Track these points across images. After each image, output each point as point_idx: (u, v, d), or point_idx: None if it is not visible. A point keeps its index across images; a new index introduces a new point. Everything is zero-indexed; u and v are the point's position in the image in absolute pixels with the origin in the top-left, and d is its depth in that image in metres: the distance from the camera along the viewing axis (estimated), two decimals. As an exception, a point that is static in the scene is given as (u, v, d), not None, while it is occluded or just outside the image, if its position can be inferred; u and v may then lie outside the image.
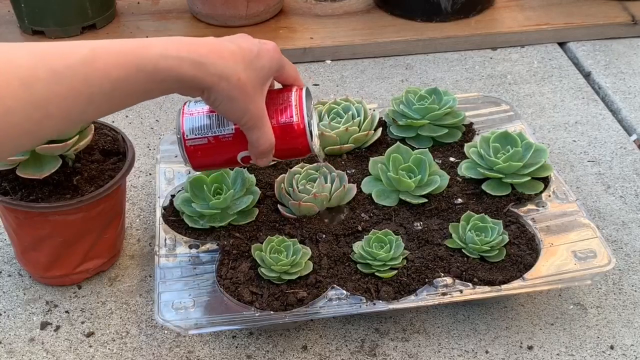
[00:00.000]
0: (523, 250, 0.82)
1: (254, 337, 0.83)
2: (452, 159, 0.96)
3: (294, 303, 0.76)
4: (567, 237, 0.84)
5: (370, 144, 0.97)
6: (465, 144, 0.95)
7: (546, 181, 0.91)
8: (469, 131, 1.00)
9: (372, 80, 1.28)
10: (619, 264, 0.91)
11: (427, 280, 0.79)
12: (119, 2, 1.44)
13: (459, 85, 1.26)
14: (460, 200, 0.89)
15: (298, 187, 0.87)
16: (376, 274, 0.79)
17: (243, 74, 0.63)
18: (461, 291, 0.78)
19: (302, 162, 0.93)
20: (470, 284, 0.79)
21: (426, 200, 0.88)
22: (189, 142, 0.71)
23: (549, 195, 0.89)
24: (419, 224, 0.86)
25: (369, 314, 0.83)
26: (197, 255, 0.83)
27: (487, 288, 0.78)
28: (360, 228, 0.85)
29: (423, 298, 0.78)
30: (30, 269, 0.89)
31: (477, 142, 0.93)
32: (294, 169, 0.90)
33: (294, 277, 0.78)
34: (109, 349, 0.82)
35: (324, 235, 0.84)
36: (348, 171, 0.92)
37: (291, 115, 0.69)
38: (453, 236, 0.83)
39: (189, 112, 0.71)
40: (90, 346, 0.82)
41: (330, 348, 0.82)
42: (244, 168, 0.72)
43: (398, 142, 0.94)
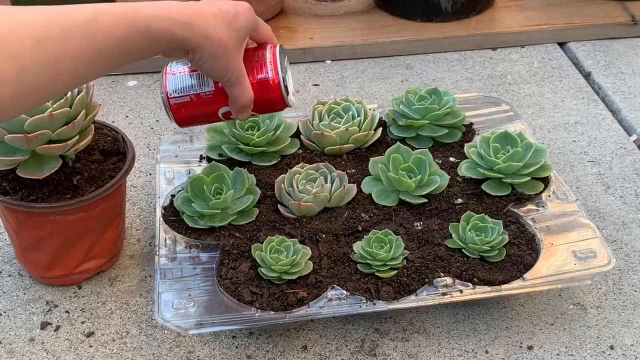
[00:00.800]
0: (523, 250, 0.82)
1: (254, 337, 0.83)
2: (452, 159, 0.96)
3: (294, 303, 0.76)
4: (567, 237, 0.84)
5: (370, 144, 0.97)
6: (465, 144, 0.95)
7: (546, 181, 0.91)
8: (469, 131, 1.00)
9: (372, 80, 1.28)
10: (619, 264, 0.91)
11: (427, 280, 0.79)
12: (119, 1, 1.44)
13: (459, 86, 1.26)
14: (460, 200, 0.89)
15: (298, 187, 0.87)
16: (376, 274, 0.79)
17: (224, 34, 0.67)
18: (461, 291, 0.78)
19: (302, 162, 0.93)
20: (470, 284, 0.79)
21: (426, 200, 0.88)
22: (172, 101, 0.75)
23: (549, 196, 0.89)
24: (419, 224, 0.86)
25: (369, 314, 0.83)
26: (197, 255, 0.83)
27: (487, 288, 0.78)
28: (360, 228, 0.85)
29: (423, 298, 0.78)
30: (30, 269, 0.89)
31: (477, 142, 0.93)
32: (294, 169, 0.90)
33: (294, 277, 0.78)
34: (109, 349, 0.82)
35: (324, 235, 0.84)
36: (348, 171, 0.92)
37: (267, 71, 0.74)
38: (453, 236, 0.83)
39: (172, 72, 0.75)
40: (91, 346, 0.82)
41: (330, 348, 0.82)
42: (225, 121, 0.78)
43: (398, 142, 0.94)
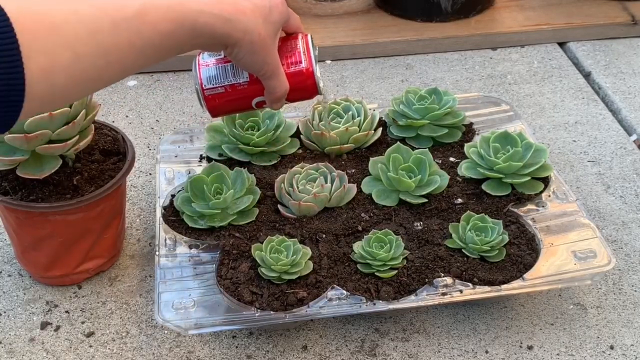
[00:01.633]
0: (523, 250, 0.82)
1: (254, 337, 0.83)
2: (452, 159, 0.96)
3: (294, 303, 0.76)
4: (567, 237, 0.84)
5: (370, 144, 0.97)
6: (465, 144, 0.95)
7: (546, 181, 0.91)
8: (469, 131, 1.00)
9: (372, 80, 1.28)
10: (619, 264, 0.91)
11: (427, 280, 0.79)
12: None
13: (459, 85, 1.26)
14: (460, 200, 0.89)
15: (298, 187, 0.87)
16: (376, 274, 0.79)
17: (262, 29, 0.68)
18: (461, 291, 0.78)
19: (302, 161, 0.93)
20: (470, 284, 0.79)
21: (426, 200, 0.88)
22: (207, 92, 0.76)
23: (549, 195, 0.89)
24: (419, 224, 0.86)
25: (369, 314, 0.83)
26: (197, 255, 0.83)
27: (487, 288, 0.78)
28: (360, 228, 0.85)
29: (423, 298, 0.78)
30: (30, 269, 0.89)
31: (477, 142, 0.93)
32: (294, 169, 0.90)
33: (294, 277, 0.78)
34: (109, 349, 0.82)
35: (324, 235, 0.84)
36: (348, 171, 0.92)
37: (300, 61, 0.75)
38: (453, 236, 0.83)
39: (205, 64, 0.75)
40: (91, 346, 0.82)
41: (330, 348, 0.82)
42: (258, 110, 0.80)
43: (398, 142, 0.94)
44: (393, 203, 0.88)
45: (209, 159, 0.96)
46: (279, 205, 0.88)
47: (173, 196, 0.89)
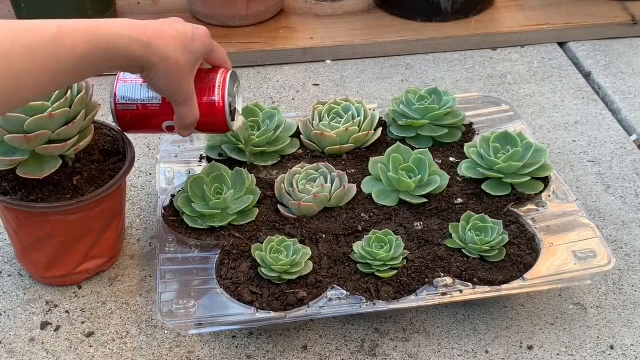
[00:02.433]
0: (523, 250, 0.82)
1: (254, 337, 0.83)
2: (452, 159, 0.96)
3: (294, 303, 0.76)
4: (567, 237, 0.84)
5: (370, 144, 0.97)
6: (465, 144, 0.95)
7: (546, 181, 0.91)
8: (469, 131, 1.00)
9: (372, 80, 1.28)
10: (619, 264, 0.91)
11: (427, 280, 0.79)
12: (119, 2, 1.44)
13: (459, 86, 1.26)
14: (460, 200, 0.89)
15: (298, 187, 0.87)
16: (376, 274, 0.79)
17: (181, 57, 0.69)
18: (461, 291, 0.78)
19: (303, 162, 0.93)
20: (470, 284, 0.79)
21: (426, 200, 0.88)
22: (119, 107, 0.78)
23: (549, 195, 0.89)
24: (419, 224, 0.86)
25: (369, 314, 0.83)
26: (197, 256, 0.82)
27: (487, 288, 0.78)
28: (360, 228, 0.85)
29: (423, 298, 0.78)
30: (30, 269, 0.89)
31: (477, 142, 0.93)
32: (294, 169, 0.90)
33: (294, 277, 0.78)
34: (109, 349, 0.82)
35: (324, 235, 0.84)
36: (348, 171, 0.92)
37: (214, 95, 0.76)
38: (453, 236, 0.83)
39: (124, 79, 0.78)
40: (91, 346, 0.82)
41: (330, 348, 0.82)
42: (168, 133, 0.81)
43: (398, 142, 0.94)
44: (393, 203, 0.88)
45: (209, 159, 0.96)
46: (279, 205, 0.88)
47: (173, 196, 0.89)
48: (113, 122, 0.80)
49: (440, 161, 0.95)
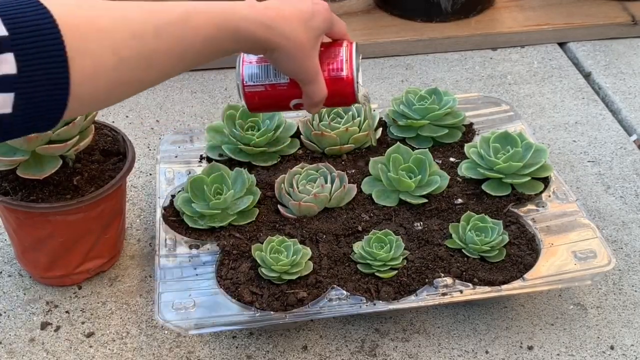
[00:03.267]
0: (523, 251, 0.83)
1: (254, 337, 0.83)
2: (452, 159, 0.96)
3: (294, 303, 0.76)
4: (567, 237, 0.84)
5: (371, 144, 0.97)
6: (466, 144, 0.95)
7: (546, 181, 0.91)
8: (469, 131, 1.00)
9: (372, 80, 1.28)
10: (619, 264, 0.91)
11: (427, 280, 0.79)
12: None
13: (459, 86, 1.26)
14: (460, 200, 0.89)
15: (298, 188, 0.87)
16: (376, 274, 0.79)
17: (303, 35, 0.68)
18: (461, 291, 0.78)
19: (303, 162, 0.93)
20: (470, 284, 0.79)
21: (426, 200, 0.88)
22: (247, 89, 0.76)
23: (549, 196, 0.89)
24: (419, 224, 0.86)
25: (369, 314, 0.83)
26: (197, 256, 0.83)
27: (487, 288, 0.78)
28: (360, 228, 0.85)
29: (423, 298, 0.78)
30: (30, 269, 0.89)
31: (477, 143, 0.93)
32: (294, 169, 0.90)
33: (294, 277, 0.78)
34: (109, 349, 0.82)
35: (324, 236, 0.84)
36: (348, 171, 0.92)
37: (341, 69, 0.75)
38: (453, 236, 0.83)
39: (249, 61, 0.76)
40: (91, 346, 0.82)
41: (330, 348, 0.82)
42: (296, 111, 0.80)
43: (398, 142, 0.94)
44: (393, 203, 0.88)
45: (209, 159, 0.96)
46: (279, 206, 0.88)
47: (173, 196, 0.89)
48: (240, 103, 0.78)
49: (440, 161, 0.95)
